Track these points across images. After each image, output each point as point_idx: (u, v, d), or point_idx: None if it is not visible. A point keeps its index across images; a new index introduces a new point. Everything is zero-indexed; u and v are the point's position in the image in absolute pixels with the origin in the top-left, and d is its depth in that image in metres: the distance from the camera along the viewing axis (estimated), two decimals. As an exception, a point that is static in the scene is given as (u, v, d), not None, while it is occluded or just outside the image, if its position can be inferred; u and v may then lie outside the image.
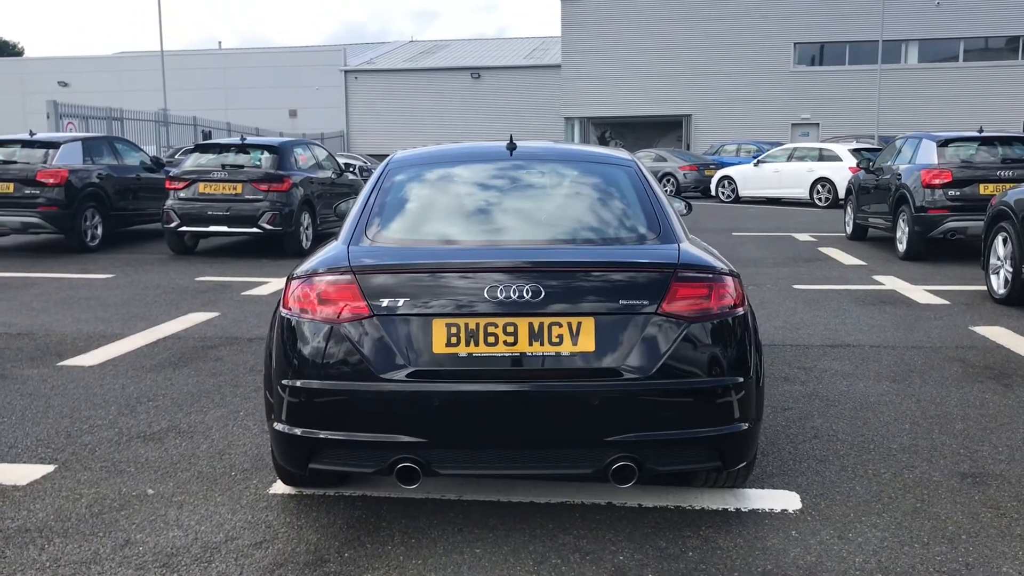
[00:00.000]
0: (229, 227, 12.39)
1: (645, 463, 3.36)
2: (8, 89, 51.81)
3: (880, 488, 4.05)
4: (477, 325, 3.32)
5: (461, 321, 3.32)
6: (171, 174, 12.94)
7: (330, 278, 3.47)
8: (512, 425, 3.33)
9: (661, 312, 3.37)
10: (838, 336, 7.36)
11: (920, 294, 9.41)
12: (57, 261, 12.15)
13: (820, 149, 23.82)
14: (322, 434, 3.40)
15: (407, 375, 3.30)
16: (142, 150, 15.78)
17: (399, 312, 3.35)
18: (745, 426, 3.47)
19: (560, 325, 3.32)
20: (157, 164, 15.28)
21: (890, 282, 10.23)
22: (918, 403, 5.40)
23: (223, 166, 12.66)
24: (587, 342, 3.32)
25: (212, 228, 12.43)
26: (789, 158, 23.98)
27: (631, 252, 3.66)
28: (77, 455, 4.53)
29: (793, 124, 40.88)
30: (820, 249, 13.51)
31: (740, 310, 3.54)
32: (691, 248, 3.69)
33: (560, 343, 3.31)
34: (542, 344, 3.31)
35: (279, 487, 4.05)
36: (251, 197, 12.32)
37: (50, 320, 8.15)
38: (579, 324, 3.32)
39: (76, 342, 7.21)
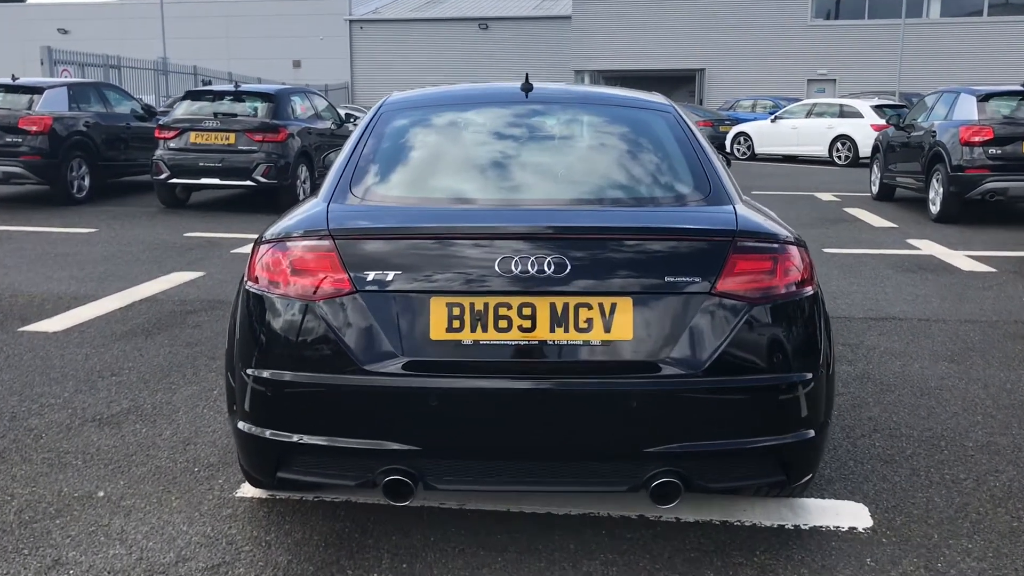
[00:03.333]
0: (221, 179, 11.66)
1: (692, 479, 2.71)
2: (8, 37, 50.73)
3: (964, 500, 3.39)
4: (486, 306, 2.65)
5: (466, 300, 2.65)
6: (161, 122, 12.19)
7: (305, 243, 2.80)
8: (527, 431, 2.68)
9: (716, 292, 2.69)
10: (880, 307, 6.68)
11: (962, 260, 8.70)
12: (40, 214, 11.48)
13: (840, 105, 22.92)
14: (293, 437, 2.75)
15: (398, 367, 2.65)
16: (133, 98, 15.01)
17: (389, 288, 2.68)
18: (813, 433, 2.82)
19: (589, 307, 2.65)
20: (149, 112, 14.50)
21: (926, 246, 9.53)
22: (986, 389, 4.73)
23: (215, 115, 11.90)
24: (623, 329, 2.65)
25: (203, 180, 11.70)
26: (808, 114, 23.11)
27: (678, 216, 2.97)
28: (18, 443, 3.90)
29: (809, 80, 39.77)
30: (846, 210, 12.77)
31: (809, 288, 2.86)
32: (749, 212, 3.00)
33: (589, 329, 2.65)
34: (566, 330, 2.65)
35: (247, 489, 3.41)
36: (245, 148, 11.58)
37: (20, 279, 7.50)
38: (613, 306, 2.65)
39: (44, 304, 6.56)
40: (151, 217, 11.42)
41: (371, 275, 2.70)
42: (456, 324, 2.65)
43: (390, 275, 2.69)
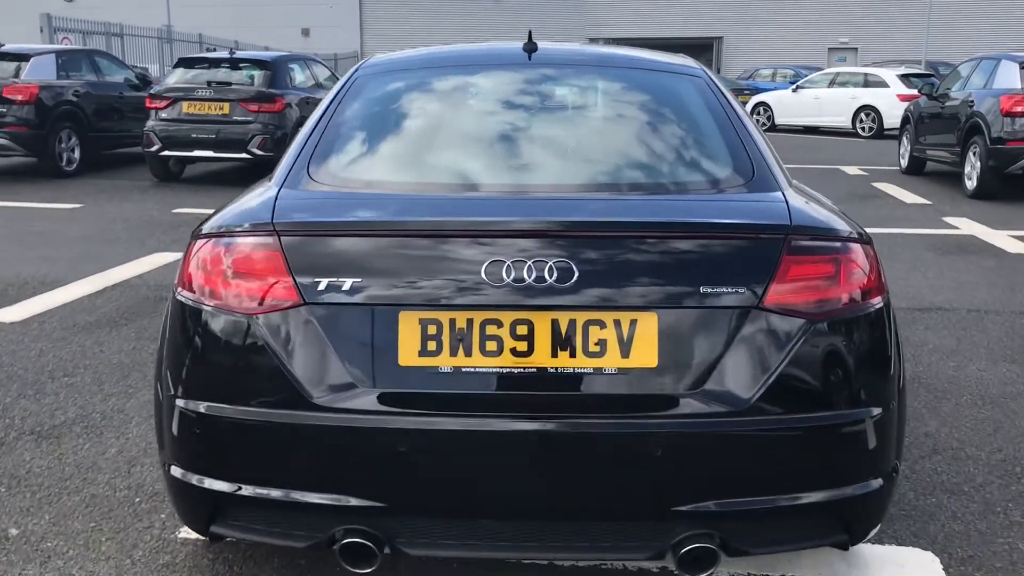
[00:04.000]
0: (215, 151, 11.07)
1: (731, 543, 2.14)
2: (15, 5, 50.01)
3: (1055, 549, 2.81)
4: (469, 323, 2.07)
5: (444, 316, 2.07)
6: (152, 91, 11.59)
7: (245, 241, 2.22)
8: (522, 485, 2.11)
9: (765, 305, 2.10)
10: (923, 295, 6.06)
11: (1006, 241, 8.05)
12: (27, 187, 10.93)
13: (865, 74, 22.11)
14: (231, 487, 2.18)
15: (356, 402, 2.08)
16: (127, 66, 14.40)
17: (346, 299, 2.10)
18: (881, 482, 2.23)
19: (603, 325, 2.07)
20: (144, 82, 13.88)
21: (965, 225, 8.87)
22: (1057, 397, 4.13)
23: (209, 83, 11.29)
24: (645, 353, 2.07)
25: (196, 153, 11.12)
26: (831, 84, 22.29)
27: (716, 207, 2.36)
28: (-63, 463, 3.36)
29: (830, 49, 38.73)
30: (874, 185, 12.08)
31: (878, 299, 2.27)
32: (803, 200, 2.40)
33: (601, 354, 2.06)
34: (573, 355, 2.06)
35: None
36: (240, 118, 10.98)
37: (-11, 260, 6.96)
38: (633, 324, 2.07)
39: (7, 290, 6.00)
40: (142, 192, 10.85)
41: (324, 282, 2.12)
42: (431, 346, 2.08)
43: (348, 283, 2.11)
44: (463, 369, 2.07)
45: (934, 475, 3.30)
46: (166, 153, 11.24)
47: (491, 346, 2.07)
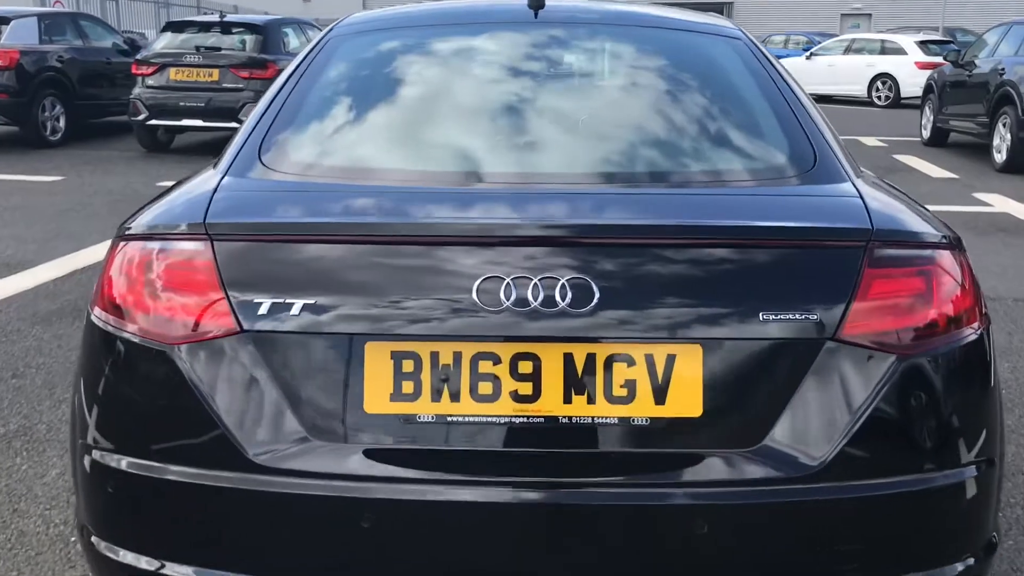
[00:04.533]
0: (205, 120, 10.54)
1: (793, 641, 1.65)
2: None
3: None
4: (458, 358, 1.58)
5: (424, 348, 1.59)
6: (138, 57, 11.04)
7: (171, 248, 1.73)
8: (525, 570, 1.62)
9: (843, 337, 1.61)
10: (963, 282, 5.54)
11: (1044, 220, 7.53)
12: (6, 158, 10.42)
13: (882, 41, 21.42)
14: (152, 564, 1.71)
15: (308, 460, 1.59)
16: (115, 30, 13.84)
17: (297, 327, 1.61)
18: (973, 561, 1.74)
19: (631, 362, 1.58)
20: (133, 47, 13.30)
21: (998, 202, 8.34)
22: None
23: (198, 48, 10.74)
24: (686, 398, 1.58)
25: (185, 122, 10.60)
26: (846, 51, 21.63)
27: (774, 205, 1.85)
28: None
29: (843, 15, 37.89)
30: (896, 157, 11.51)
31: (977, 324, 1.76)
32: (880, 195, 1.89)
33: (630, 399, 1.58)
34: (592, 401, 1.58)
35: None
36: (230, 86, 10.45)
37: (-47, 239, 6.48)
38: (671, 360, 1.58)
39: (-33, 274, 5.54)
40: (128, 163, 10.33)
41: (267, 303, 1.63)
42: (407, 388, 1.59)
43: (298, 304, 1.62)
44: (449, 419, 1.59)
45: (1007, 508, 2.83)
46: (153, 122, 10.72)
47: (485, 388, 1.58)
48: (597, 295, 1.58)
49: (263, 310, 1.62)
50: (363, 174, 1.91)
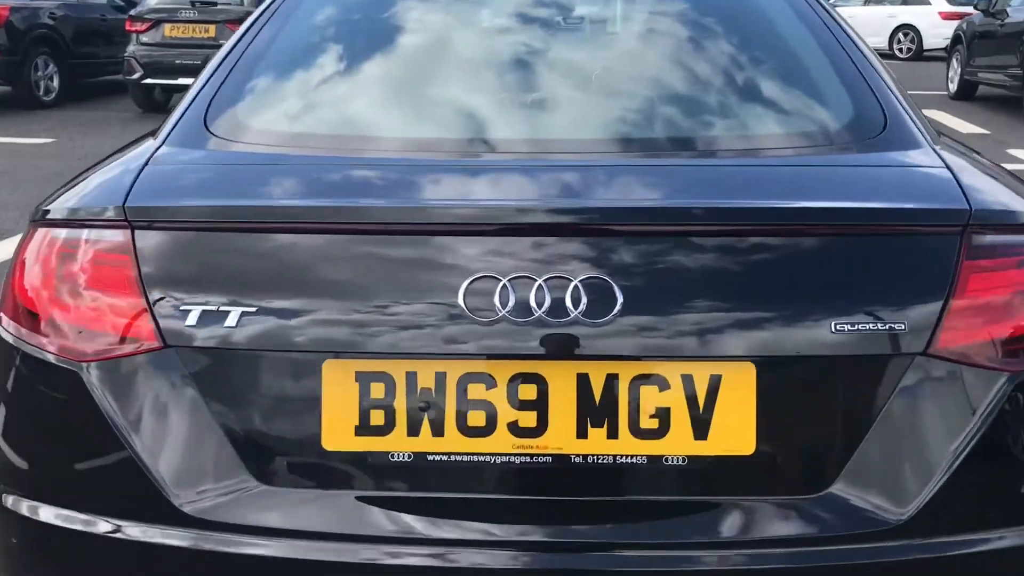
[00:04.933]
0: (201, 79, 10.16)
1: None
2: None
3: None
4: (441, 380, 1.24)
5: (398, 368, 1.24)
6: (131, 13, 10.64)
7: (84, 237, 1.38)
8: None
9: (937, 350, 1.25)
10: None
11: (1086, 178, 7.10)
12: (-3, 120, 10.08)
13: (904, -10, 20.74)
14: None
15: (251, 512, 1.25)
16: (111, -14, 13.37)
17: (237, 341, 1.26)
18: None
19: (664, 384, 1.23)
20: (128, 3, 12.88)
21: (1034, 159, 7.91)
22: None
23: (193, 3, 10.34)
24: (734, 431, 1.23)
25: (181, 80, 10.16)
26: (866, 1, 20.95)
27: (841, 179, 1.46)
28: None
29: (861, -35, 36.90)
30: (923, 112, 11.03)
31: None
32: (970, 166, 1.52)
33: (662, 432, 1.23)
34: (613, 435, 1.23)
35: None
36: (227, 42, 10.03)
37: (-71, 207, 6.16)
38: (715, 382, 1.23)
39: (-60, 244, 5.22)
40: (124, 124, 9.96)
41: (198, 310, 1.27)
42: (377, 418, 1.24)
43: (236, 311, 1.26)
44: (429, 457, 1.24)
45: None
46: (149, 81, 10.36)
47: (476, 419, 1.24)
48: (620, 299, 1.22)
49: (193, 319, 1.27)
50: (326, 142, 1.55)
